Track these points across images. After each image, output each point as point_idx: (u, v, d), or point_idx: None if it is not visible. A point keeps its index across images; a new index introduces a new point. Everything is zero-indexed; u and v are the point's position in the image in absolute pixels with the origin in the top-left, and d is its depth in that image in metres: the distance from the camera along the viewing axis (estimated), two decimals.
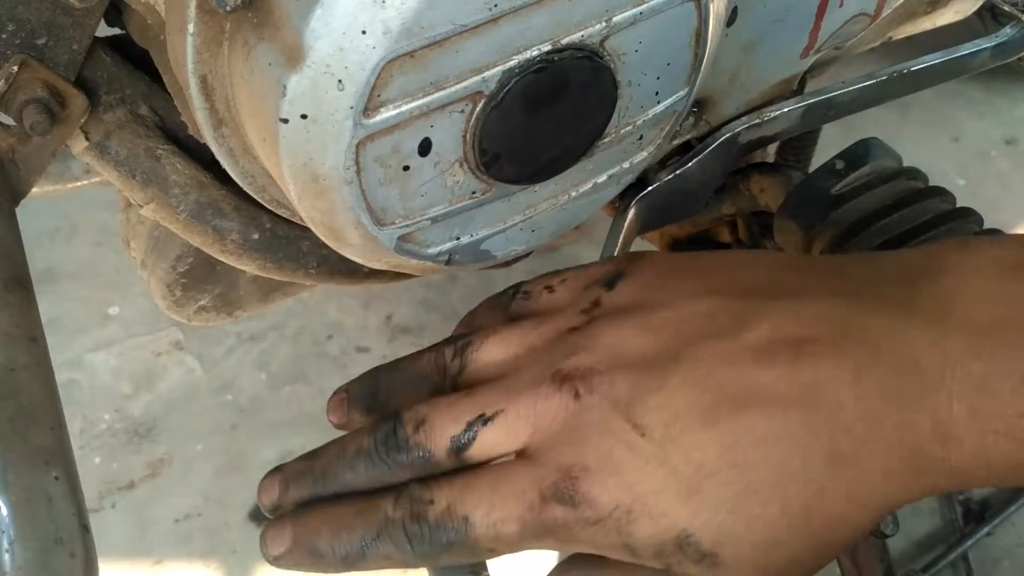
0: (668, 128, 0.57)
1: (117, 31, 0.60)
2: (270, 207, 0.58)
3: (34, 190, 0.59)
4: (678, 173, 0.66)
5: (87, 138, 0.57)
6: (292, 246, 0.61)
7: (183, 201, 0.58)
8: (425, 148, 0.49)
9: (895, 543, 0.89)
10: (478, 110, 0.48)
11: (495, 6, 0.45)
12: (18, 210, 0.56)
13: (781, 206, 0.73)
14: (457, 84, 0.47)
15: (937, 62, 0.74)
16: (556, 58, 0.48)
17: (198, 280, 0.69)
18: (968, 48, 0.77)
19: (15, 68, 0.52)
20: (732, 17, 0.60)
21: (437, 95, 0.46)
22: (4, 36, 0.52)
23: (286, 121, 0.45)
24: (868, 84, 0.71)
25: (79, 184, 0.69)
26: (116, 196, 0.67)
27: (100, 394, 1.25)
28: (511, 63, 0.47)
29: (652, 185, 0.65)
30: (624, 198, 0.65)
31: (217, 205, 0.58)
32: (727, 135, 0.67)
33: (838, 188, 0.71)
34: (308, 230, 0.55)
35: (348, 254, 0.54)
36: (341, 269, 0.64)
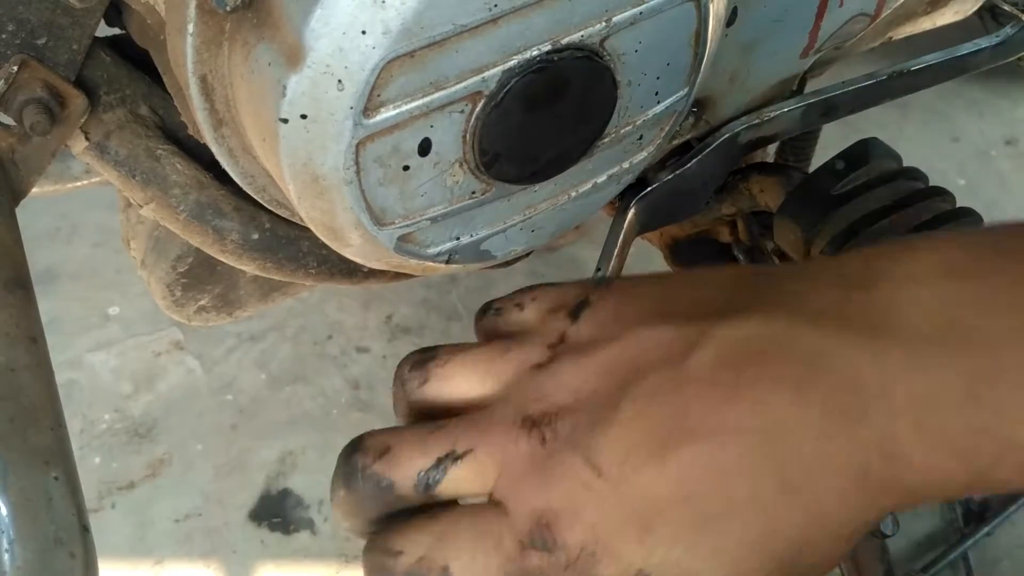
0: (668, 128, 0.57)
1: (117, 31, 0.60)
2: (270, 207, 0.58)
3: (34, 190, 0.59)
4: (678, 173, 0.66)
5: (87, 138, 0.57)
6: (292, 246, 0.61)
7: (183, 201, 0.58)
8: (425, 148, 0.49)
9: (895, 543, 0.89)
10: (478, 110, 0.48)
11: (495, 6, 0.45)
12: (18, 210, 0.56)
13: (781, 206, 0.73)
14: (457, 84, 0.47)
15: (937, 62, 0.74)
16: (556, 58, 0.48)
17: (198, 280, 0.69)
18: (968, 48, 0.77)
19: (15, 68, 0.52)
20: (732, 17, 0.60)
21: (437, 95, 0.46)
22: (4, 36, 0.52)
23: (286, 121, 0.45)
24: (868, 84, 0.71)
25: (79, 184, 0.69)
26: (116, 196, 0.67)
27: (100, 394, 1.25)
28: (511, 63, 0.47)
29: (652, 185, 0.65)
30: (624, 198, 0.65)
31: (217, 205, 0.58)
32: (727, 135, 0.67)
33: (838, 188, 0.71)
34: (308, 230, 0.55)
35: (348, 254, 0.54)
36: (341, 269, 0.64)
